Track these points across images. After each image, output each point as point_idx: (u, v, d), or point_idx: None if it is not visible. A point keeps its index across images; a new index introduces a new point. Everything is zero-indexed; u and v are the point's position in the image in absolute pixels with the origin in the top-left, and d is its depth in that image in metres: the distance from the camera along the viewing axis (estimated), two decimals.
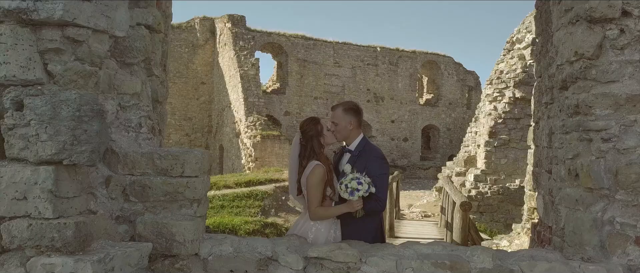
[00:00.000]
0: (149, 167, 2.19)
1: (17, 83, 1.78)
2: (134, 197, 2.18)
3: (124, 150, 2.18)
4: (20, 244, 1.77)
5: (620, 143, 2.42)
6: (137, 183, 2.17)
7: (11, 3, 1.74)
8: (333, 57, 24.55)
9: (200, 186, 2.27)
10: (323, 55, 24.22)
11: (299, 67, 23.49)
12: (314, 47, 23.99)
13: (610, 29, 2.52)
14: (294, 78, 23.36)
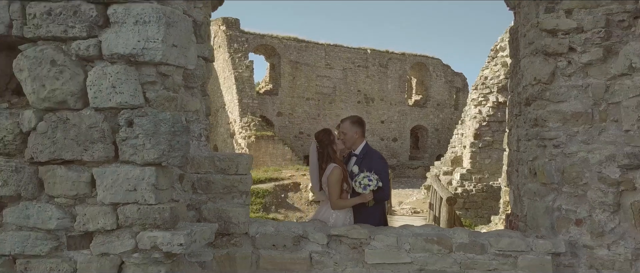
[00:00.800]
0: (211, 167, 2.93)
1: (127, 107, 2.49)
2: (200, 190, 2.91)
3: (191, 155, 2.91)
4: (132, 222, 2.48)
5: (566, 149, 3.21)
6: (203, 179, 2.90)
7: (126, 49, 2.45)
8: (324, 59, 25.28)
9: (248, 182, 3.01)
10: (315, 57, 24.94)
11: (292, 69, 24.17)
12: (306, 49, 24.69)
13: (561, 61, 3.30)
14: (287, 79, 24.04)
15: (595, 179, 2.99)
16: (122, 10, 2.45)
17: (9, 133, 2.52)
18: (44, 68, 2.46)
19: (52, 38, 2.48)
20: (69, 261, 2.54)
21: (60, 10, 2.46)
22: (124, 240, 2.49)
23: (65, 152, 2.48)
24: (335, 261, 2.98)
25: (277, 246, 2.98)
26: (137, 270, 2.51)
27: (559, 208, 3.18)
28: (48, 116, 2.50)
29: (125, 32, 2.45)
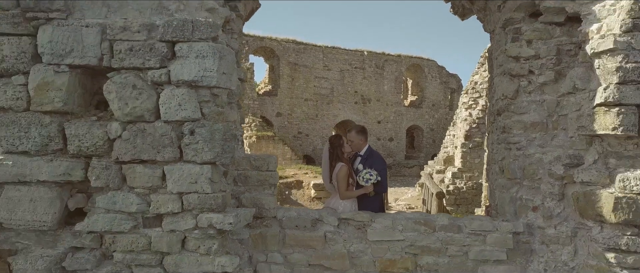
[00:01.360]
0: (248, 165, 3.79)
1: (189, 120, 3.34)
2: (240, 183, 3.77)
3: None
4: (193, 207, 3.33)
5: (526, 151, 4.09)
6: (242, 175, 3.76)
7: (189, 76, 3.30)
8: (322, 61, 26.13)
9: (276, 177, 3.87)
10: (313, 59, 25.79)
11: (290, 70, 24.99)
12: (304, 51, 25.53)
13: (523, 81, 4.18)
14: (286, 80, 24.86)
15: (546, 175, 3.86)
16: (186, 47, 3.31)
17: (99, 139, 3.36)
18: (127, 91, 3.31)
19: (133, 68, 3.33)
20: (145, 236, 3.38)
21: (140, 47, 3.31)
22: (187, 220, 3.34)
23: (143, 153, 3.33)
24: (344, 238, 3.85)
25: (299, 227, 3.84)
26: (196, 243, 3.37)
27: (520, 198, 4.06)
28: (130, 127, 3.34)
29: (189, 64, 3.30)
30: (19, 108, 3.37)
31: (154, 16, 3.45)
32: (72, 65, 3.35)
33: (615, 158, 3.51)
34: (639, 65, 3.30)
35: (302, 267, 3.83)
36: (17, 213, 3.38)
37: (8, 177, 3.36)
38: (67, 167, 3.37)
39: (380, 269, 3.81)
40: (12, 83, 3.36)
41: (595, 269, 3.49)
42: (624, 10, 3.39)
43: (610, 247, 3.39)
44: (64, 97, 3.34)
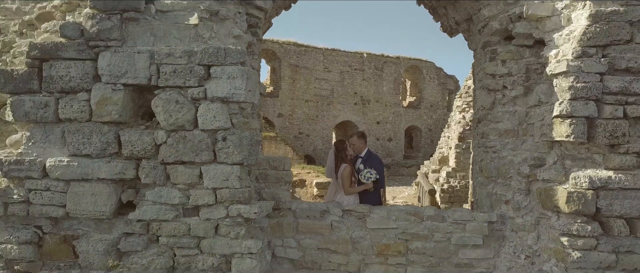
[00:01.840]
0: (267, 165, 4.59)
1: (222, 129, 4.14)
2: (261, 180, 4.57)
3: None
4: (224, 199, 4.13)
5: (500, 154, 4.90)
6: (262, 173, 4.57)
7: (222, 94, 4.10)
8: (323, 63, 26.88)
9: (290, 175, 4.68)
10: (313, 61, 26.54)
11: (291, 72, 25.74)
12: (305, 53, 26.28)
13: (498, 94, 4.99)
14: (287, 82, 25.61)
15: (516, 174, 4.67)
16: (219, 70, 4.11)
17: (148, 144, 4.16)
18: (171, 105, 4.11)
19: (176, 86, 4.13)
20: (185, 223, 4.18)
21: (182, 69, 4.11)
22: (220, 211, 4.15)
23: (184, 156, 4.13)
24: (348, 227, 4.65)
25: (310, 217, 4.65)
26: (227, 229, 4.17)
27: (495, 193, 4.87)
28: (173, 134, 4.14)
29: (222, 83, 4.10)
30: (82, 119, 4.17)
31: (192, 43, 4.25)
32: (126, 84, 4.15)
33: (570, 160, 4.32)
34: (587, 85, 4.10)
35: (312, 250, 4.64)
36: (81, 205, 4.18)
37: (74, 175, 4.16)
38: (122, 167, 4.17)
39: (377, 252, 4.62)
40: (77, 99, 4.16)
41: (553, 251, 4.30)
42: (575, 39, 4.20)
43: (565, 232, 4.20)
44: (119, 110, 4.14)
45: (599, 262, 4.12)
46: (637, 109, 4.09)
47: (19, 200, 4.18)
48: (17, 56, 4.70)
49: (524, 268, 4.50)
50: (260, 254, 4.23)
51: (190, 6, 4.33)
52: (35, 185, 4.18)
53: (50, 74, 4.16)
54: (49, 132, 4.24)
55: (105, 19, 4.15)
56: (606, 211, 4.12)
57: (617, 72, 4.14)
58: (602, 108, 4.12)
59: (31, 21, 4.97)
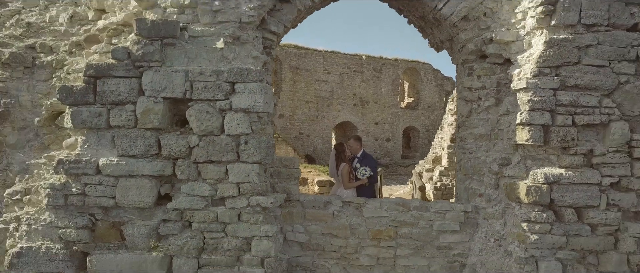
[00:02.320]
0: (280, 164, 5.56)
1: (244, 134, 5.10)
2: (275, 177, 5.54)
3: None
4: (246, 192, 5.10)
5: (476, 154, 5.86)
6: (275, 171, 5.53)
7: (244, 105, 5.05)
8: (323, 65, 27.83)
9: (299, 172, 5.65)
10: (314, 63, 27.49)
11: (292, 74, 26.69)
12: (306, 56, 27.23)
13: (474, 104, 5.96)
14: (288, 84, 26.56)
15: (488, 171, 5.64)
16: (242, 86, 5.07)
17: (183, 147, 5.12)
18: (203, 115, 5.07)
19: (206, 99, 5.09)
20: (213, 212, 5.14)
21: (211, 85, 5.07)
22: (242, 201, 5.11)
23: (213, 156, 5.09)
24: (347, 215, 5.62)
25: (315, 207, 5.62)
26: (248, 216, 5.13)
27: (471, 187, 5.84)
28: (204, 138, 5.10)
29: (244, 97, 5.07)
30: (129, 126, 5.13)
31: (219, 63, 5.22)
32: (165, 97, 5.11)
33: (531, 160, 5.29)
34: (542, 99, 5.06)
35: (317, 235, 5.61)
36: (128, 197, 5.13)
37: (122, 172, 5.12)
38: (162, 165, 5.13)
39: (371, 236, 5.59)
40: (125, 109, 5.12)
41: (516, 235, 5.26)
42: (534, 61, 5.17)
43: (525, 219, 5.16)
44: (159, 119, 5.10)
45: (553, 243, 5.09)
46: (584, 118, 5.06)
47: (76, 192, 5.14)
48: (71, 73, 5.65)
49: (493, 249, 5.47)
50: (274, 237, 5.19)
51: (217, 32, 5.30)
52: (90, 180, 5.14)
53: (103, 89, 5.12)
54: (101, 136, 5.20)
55: (149, 44, 5.11)
56: (558, 201, 5.08)
57: (567, 88, 5.10)
58: (555, 117, 5.09)
59: (79, 42, 5.93)
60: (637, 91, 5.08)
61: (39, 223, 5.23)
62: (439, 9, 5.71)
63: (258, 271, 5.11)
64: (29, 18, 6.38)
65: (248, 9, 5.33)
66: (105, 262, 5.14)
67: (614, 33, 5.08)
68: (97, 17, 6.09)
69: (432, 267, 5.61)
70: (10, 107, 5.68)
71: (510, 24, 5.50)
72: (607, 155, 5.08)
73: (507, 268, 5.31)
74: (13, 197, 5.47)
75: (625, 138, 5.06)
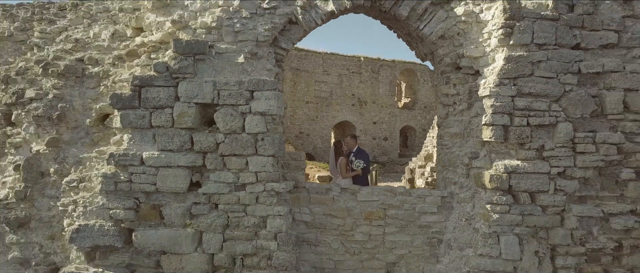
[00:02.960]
0: (289, 157, 6.85)
1: (261, 132, 6.38)
2: (285, 168, 6.83)
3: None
4: (262, 179, 6.38)
5: (451, 150, 7.15)
6: (286, 163, 6.82)
7: (262, 109, 6.33)
8: (322, 66, 29.10)
9: (304, 164, 6.93)
10: (313, 65, 28.76)
11: (293, 75, 27.95)
12: (306, 58, 28.49)
13: (451, 108, 7.25)
14: (288, 84, 27.81)
15: (460, 164, 6.92)
16: (259, 94, 6.35)
17: (211, 143, 6.39)
18: (227, 117, 6.35)
19: (230, 104, 6.36)
20: (236, 195, 6.41)
21: (234, 93, 6.35)
22: (260, 187, 6.38)
23: (236, 150, 6.37)
24: (344, 199, 6.90)
25: (318, 193, 6.90)
26: (264, 199, 6.40)
27: (447, 177, 7.13)
28: (228, 136, 6.38)
29: (262, 102, 6.34)
30: (167, 125, 6.40)
31: (240, 75, 6.49)
32: (196, 103, 6.38)
33: (494, 154, 6.57)
34: (503, 104, 6.34)
35: (320, 215, 6.88)
36: (166, 183, 6.40)
37: (162, 163, 6.38)
38: (194, 158, 6.40)
39: (364, 217, 6.87)
40: (164, 112, 6.39)
41: (482, 215, 6.54)
42: (496, 73, 6.44)
43: (489, 202, 6.43)
44: (192, 120, 6.37)
45: (511, 221, 6.36)
46: (536, 120, 6.33)
47: (124, 180, 6.41)
48: (117, 82, 6.91)
49: (464, 227, 6.75)
50: (285, 216, 6.47)
51: (238, 49, 6.57)
52: (135, 170, 6.41)
53: (146, 96, 6.40)
54: (144, 134, 6.48)
55: (183, 59, 6.39)
56: (516, 187, 6.36)
57: (523, 95, 6.38)
58: (513, 119, 6.36)
59: (120, 55, 7.19)
60: (579, 98, 6.36)
61: (93, 205, 6.51)
62: (421, 29, 6.99)
63: (272, 244, 6.39)
64: (75, 34, 7.65)
65: (263, 30, 6.61)
66: (147, 236, 6.41)
67: (560, 51, 6.36)
68: (135, 34, 7.35)
69: (415, 242, 6.89)
70: (66, 111, 6.94)
71: (478, 42, 6.78)
72: (555, 149, 6.36)
73: (474, 242, 6.59)
74: (70, 185, 6.74)
75: (570, 136, 6.34)
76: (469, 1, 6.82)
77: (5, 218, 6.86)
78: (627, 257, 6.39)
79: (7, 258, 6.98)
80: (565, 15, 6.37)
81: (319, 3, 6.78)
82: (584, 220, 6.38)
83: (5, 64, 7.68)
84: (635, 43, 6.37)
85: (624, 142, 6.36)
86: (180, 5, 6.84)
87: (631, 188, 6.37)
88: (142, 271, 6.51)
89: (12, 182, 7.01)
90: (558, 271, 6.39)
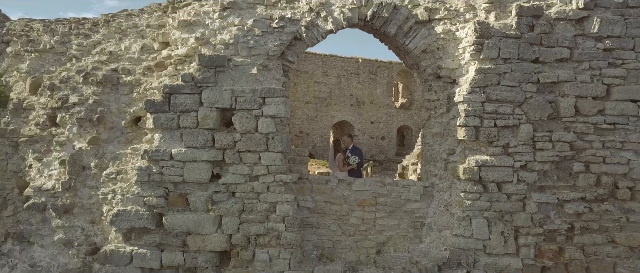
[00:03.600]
0: (294, 153, 8.20)
1: (271, 132, 7.70)
2: (291, 162, 8.17)
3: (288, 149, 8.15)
4: (272, 171, 7.70)
5: (433, 147, 8.51)
6: (292, 158, 8.17)
7: (272, 113, 7.65)
8: (321, 68, 30.41)
9: (307, 159, 8.26)
10: (313, 66, 30.07)
11: (293, 76, 29.23)
12: (305, 59, 29.80)
13: (432, 111, 8.60)
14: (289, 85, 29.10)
15: (440, 159, 8.26)
16: (270, 100, 7.69)
17: (230, 141, 7.72)
18: (244, 119, 7.68)
19: (246, 109, 7.70)
20: (250, 185, 7.74)
21: (249, 99, 7.68)
22: (270, 178, 7.71)
23: (250, 147, 7.70)
24: (341, 189, 8.24)
25: (319, 183, 8.23)
26: (274, 188, 7.73)
27: (429, 170, 8.47)
28: (244, 135, 7.71)
29: (272, 107, 7.68)
30: (193, 126, 7.73)
31: (253, 84, 7.81)
32: (217, 107, 7.71)
33: (468, 150, 7.90)
34: (474, 108, 7.67)
35: (320, 202, 8.22)
36: (191, 175, 7.73)
37: (188, 158, 7.71)
38: (215, 154, 7.73)
39: (358, 204, 8.20)
40: (190, 115, 7.72)
41: (457, 201, 7.87)
42: (468, 82, 7.78)
43: (463, 190, 7.76)
44: (214, 122, 7.70)
45: (481, 207, 7.70)
46: (502, 122, 7.66)
47: (156, 172, 7.74)
48: (148, 89, 8.23)
49: (442, 212, 8.09)
50: (292, 202, 7.80)
51: (252, 62, 7.89)
52: (165, 164, 7.73)
53: (175, 102, 7.72)
54: (172, 134, 7.80)
55: (206, 71, 7.71)
56: (485, 178, 7.69)
57: (491, 101, 7.71)
58: (483, 121, 7.69)
59: (149, 66, 8.51)
60: (538, 103, 7.69)
61: (129, 194, 7.84)
62: (407, 44, 8.32)
63: (281, 225, 7.73)
64: (109, 47, 8.97)
65: (273, 46, 7.94)
66: (176, 220, 7.74)
67: (522, 64, 7.70)
68: (161, 48, 8.67)
69: (401, 225, 8.23)
70: (104, 114, 8.26)
71: (454, 56, 8.12)
72: (518, 147, 7.69)
73: (451, 224, 7.93)
74: (109, 176, 8.06)
75: (530, 136, 7.67)
76: (446, 21, 8.16)
77: (53, 206, 8.17)
78: (578, 237, 7.73)
79: (53, 240, 8.29)
80: (526, 34, 7.70)
81: (320, 23, 8.11)
82: (542, 205, 7.71)
83: (48, 73, 9.00)
84: (584, 57, 7.70)
85: (576, 141, 7.70)
86: (202, 24, 8.17)
87: (581, 179, 7.71)
88: (171, 249, 7.83)
89: (57, 174, 8.34)
90: (520, 248, 7.73)
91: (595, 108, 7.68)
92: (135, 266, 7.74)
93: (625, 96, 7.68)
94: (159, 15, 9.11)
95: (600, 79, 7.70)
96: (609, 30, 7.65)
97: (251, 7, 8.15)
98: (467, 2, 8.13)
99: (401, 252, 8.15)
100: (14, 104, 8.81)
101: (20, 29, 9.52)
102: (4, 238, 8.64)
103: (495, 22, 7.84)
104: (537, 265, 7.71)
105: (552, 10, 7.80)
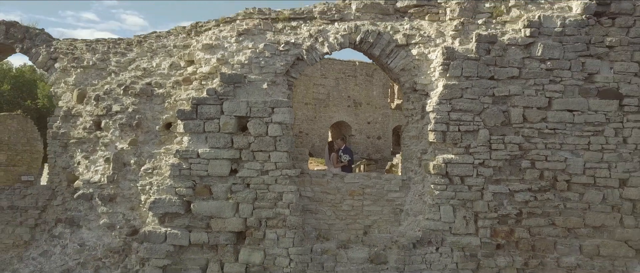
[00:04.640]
0: (297, 152, 10.31)
1: (278, 135, 9.79)
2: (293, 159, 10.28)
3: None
4: (280, 167, 9.80)
5: (409, 147, 10.62)
6: (295, 156, 10.27)
7: (279, 119, 9.77)
8: (320, 70, 32.48)
9: (307, 157, 10.37)
10: (312, 69, 32.05)
11: None
12: None
13: (410, 118, 10.72)
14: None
15: (415, 157, 10.37)
16: (278, 109, 9.81)
17: (245, 143, 9.82)
18: (257, 125, 9.79)
19: (258, 117, 9.81)
20: (262, 178, 9.83)
21: (261, 109, 9.79)
22: (278, 172, 9.82)
23: (262, 147, 9.80)
24: (335, 181, 10.34)
25: (317, 177, 10.33)
26: (282, 181, 9.83)
27: (407, 166, 10.58)
28: (257, 138, 9.81)
29: (279, 115, 9.80)
30: (215, 131, 9.83)
31: (264, 97, 9.91)
32: (235, 116, 9.81)
33: (438, 150, 9.99)
34: (442, 117, 9.76)
35: (318, 193, 10.33)
36: (214, 170, 9.82)
37: (211, 156, 9.81)
38: (234, 153, 9.83)
39: (349, 194, 10.30)
40: (213, 122, 9.82)
41: (428, 192, 9.96)
42: (437, 95, 9.88)
43: (433, 183, 9.86)
44: (232, 127, 9.81)
45: (447, 196, 9.79)
46: (464, 127, 9.76)
47: (185, 168, 9.83)
48: (178, 101, 10.31)
49: (417, 200, 10.20)
50: (295, 192, 9.89)
51: (262, 79, 9.99)
52: (193, 161, 9.83)
53: (201, 111, 9.83)
54: (199, 137, 9.89)
55: (226, 86, 9.81)
56: (451, 173, 9.79)
57: (455, 111, 9.80)
58: (449, 127, 9.79)
59: (178, 81, 10.60)
60: (493, 113, 9.79)
61: (164, 185, 9.94)
62: (389, 63, 10.43)
63: (286, 211, 9.83)
64: (142, 64, 11.06)
65: (280, 65, 10.04)
66: (201, 206, 9.84)
67: (481, 81, 9.80)
68: (187, 65, 10.76)
69: (384, 211, 10.34)
70: (141, 120, 10.35)
71: (427, 73, 10.23)
72: (477, 147, 9.80)
73: (423, 210, 10.04)
74: (146, 171, 10.16)
75: (487, 138, 9.77)
76: (421, 45, 10.27)
77: (100, 195, 10.27)
78: (525, 220, 9.85)
79: (98, 224, 10.39)
80: (484, 57, 9.81)
81: (318, 46, 10.22)
82: (497, 195, 9.82)
83: (91, 86, 11.08)
84: (530, 75, 9.81)
85: (524, 142, 9.81)
86: (222, 47, 10.27)
87: (528, 174, 9.83)
88: (197, 230, 9.92)
89: (102, 170, 10.43)
90: (479, 229, 9.84)
91: (539, 116, 9.79)
92: (168, 243, 9.83)
93: (563, 107, 9.79)
94: (183, 36, 11.21)
95: (543, 92, 9.81)
96: (550, 54, 9.76)
97: (262, 33, 10.26)
98: (437, 30, 10.25)
99: (384, 233, 10.27)
100: (64, 112, 10.89)
101: (66, 47, 11.60)
102: (55, 223, 10.72)
103: (459, 46, 9.95)
104: (493, 243, 9.82)
105: (505, 37, 9.91)
